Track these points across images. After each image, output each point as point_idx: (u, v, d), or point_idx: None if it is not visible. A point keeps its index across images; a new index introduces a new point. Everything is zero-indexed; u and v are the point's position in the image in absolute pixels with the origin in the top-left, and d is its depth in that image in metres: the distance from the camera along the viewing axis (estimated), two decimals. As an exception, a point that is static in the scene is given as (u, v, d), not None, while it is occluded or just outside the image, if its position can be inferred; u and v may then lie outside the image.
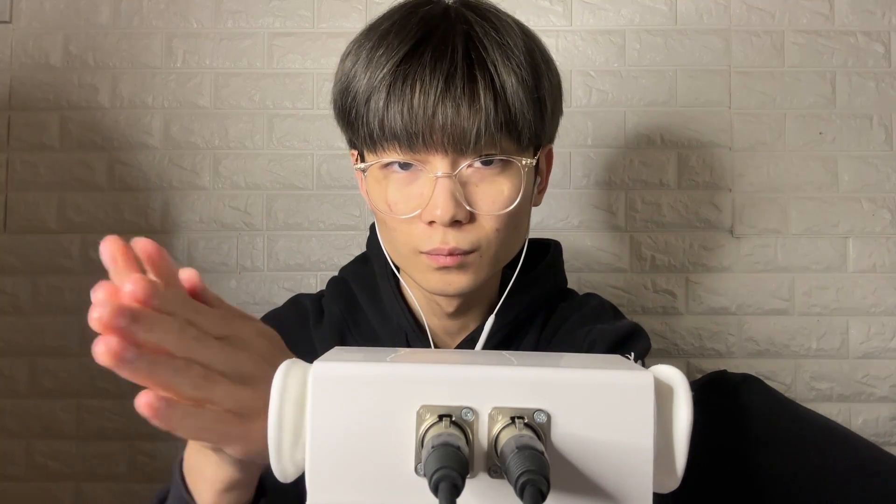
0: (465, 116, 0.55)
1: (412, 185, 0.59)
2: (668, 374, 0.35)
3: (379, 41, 0.59)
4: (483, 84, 0.56)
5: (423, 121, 0.55)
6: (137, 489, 1.10)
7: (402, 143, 0.56)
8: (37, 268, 1.12)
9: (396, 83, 0.56)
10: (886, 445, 1.03)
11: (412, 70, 0.56)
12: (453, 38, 0.57)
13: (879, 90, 1.12)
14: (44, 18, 1.14)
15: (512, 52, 0.58)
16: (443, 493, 0.27)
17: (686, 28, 1.13)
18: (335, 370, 0.33)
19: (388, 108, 0.56)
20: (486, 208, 0.58)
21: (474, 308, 0.68)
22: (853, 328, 1.11)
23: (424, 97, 0.55)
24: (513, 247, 0.64)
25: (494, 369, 0.34)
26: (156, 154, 1.13)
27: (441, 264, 0.59)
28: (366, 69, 0.58)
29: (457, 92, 0.55)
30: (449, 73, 0.55)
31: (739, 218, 1.12)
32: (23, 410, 1.11)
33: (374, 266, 0.71)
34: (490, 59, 0.57)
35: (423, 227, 0.59)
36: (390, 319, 0.68)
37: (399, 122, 0.56)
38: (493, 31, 0.59)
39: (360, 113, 0.59)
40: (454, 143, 0.56)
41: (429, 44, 0.57)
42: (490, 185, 0.58)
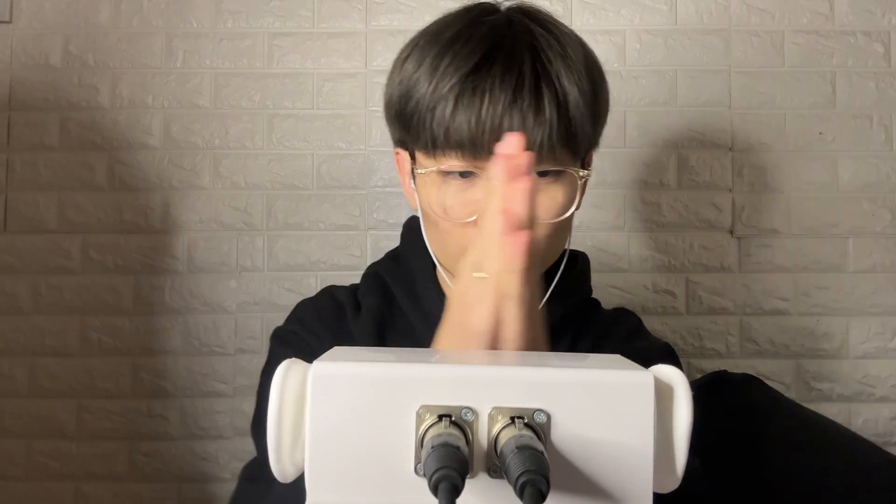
0: (530, 128, 0.57)
1: (469, 191, 0.60)
2: (668, 374, 0.35)
3: (444, 50, 0.60)
4: (548, 97, 0.57)
5: (490, 131, 0.56)
6: (137, 489, 1.10)
7: (466, 150, 0.58)
8: (37, 268, 1.12)
9: (465, 94, 0.57)
10: (886, 445, 1.03)
11: (481, 81, 0.57)
12: (520, 51, 0.58)
13: (879, 90, 1.12)
14: (44, 18, 1.14)
15: (574, 64, 0.59)
16: (442, 494, 0.27)
17: (686, 28, 1.13)
18: (335, 370, 0.33)
19: (455, 118, 0.57)
20: (541, 216, 0.60)
21: None
22: (853, 328, 1.11)
23: (493, 108, 0.56)
24: (557, 252, 0.66)
25: (494, 369, 0.34)
26: (156, 154, 1.13)
27: None
28: (430, 77, 0.59)
29: (524, 104, 0.57)
30: (517, 84, 0.57)
31: (739, 218, 1.12)
32: (23, 410, 1.11)
33: (412, 263, 0.72)
34: (554, 72, 0.58)
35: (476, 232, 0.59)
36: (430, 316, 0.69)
37: (465, 132, 0.57)
38: (556, 42, 0.60)
39: (423, 119, 0.59)
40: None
41: (497, 56, 0.58)
42: (545, 194, 0.60)
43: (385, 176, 1.13)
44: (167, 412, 1.11)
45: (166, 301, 1.12)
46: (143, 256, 1.13)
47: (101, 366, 1.11)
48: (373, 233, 1.13)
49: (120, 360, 1.11)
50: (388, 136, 1.14)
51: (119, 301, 1.12)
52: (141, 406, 1.11)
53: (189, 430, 1.11)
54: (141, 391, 1.11)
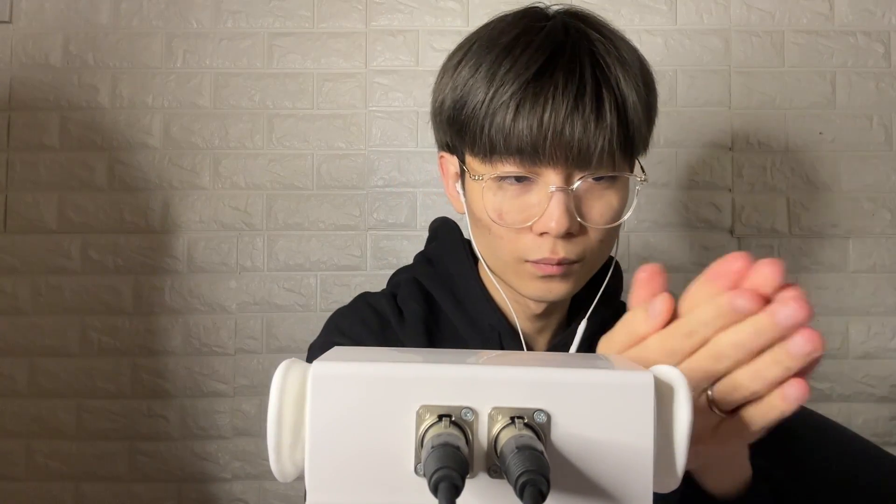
0: (591, 134, 0.57)
1: (524, 197, 0.60)
2: (669, 374, 0.35)
3: (502, 56, 0.59)
4: (609, 102, 0.57)
5: (552, 137, 0.56)
6: (137, 489, 1.10)
7: (525, 157, 0.58)
8: (37, 268, 1.12)
9: (526, 100, 0.57)
10: (886, 445, 1.03)
11: (542, 88, 0.57)
12: (581, 57, 0.58)
13: (879, 90, 1.12)
14: (44, 18, 1.14)
15: (630, 68, 0.60)
16: (442, 494, 0.27)
17: (686, 28, 1.13)
18: (334, 370, 0.33)
19: (516, 124, 0.57)
20: (596, 221, 0.60)
21: (557, 312, 0.70)
22: (853, 328, 1.11)
23: (555, 115, 0.56)
24: (605, 257, 0.66)
25: (494, 369, 0.34)
26: (156, 154, 1.13)
27: (547, 273, 0.60)
28: (489, 83, 0.59)
29: (586, 110, 0.57)
30: (578, 91, 0.57)
31: (739, 218, 1.12)
32: (23, 410, 1.11)
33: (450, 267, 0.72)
34: (613, 77, 0.58)
35: (532, 237, 0.60)
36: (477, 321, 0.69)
37: (527, 138, 0.57)
38: (613, 48, 0.60)
39: (481, 125, 0.59)
40: (577, 159, 0.57)
41: (558, 62, 0.58)
42: (600, 198, 0.60)
43: (385, 176, 1.13)
44: (167, 412, 1.11)
45: (166, 301, 1.12)
46: (143, 256, 1.13)
47: (101, 366, 1.11)
48: (372, 233, 1.13)
49: (120, 360, 1.11)
50: (389, 137, 1.14)
51: (119, 301, 1.12)
52: (141, 406, 1.11)
53: (189, 430, 1.11)
54: (141, 391, 1.11)
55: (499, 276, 0.66)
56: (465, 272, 0.70)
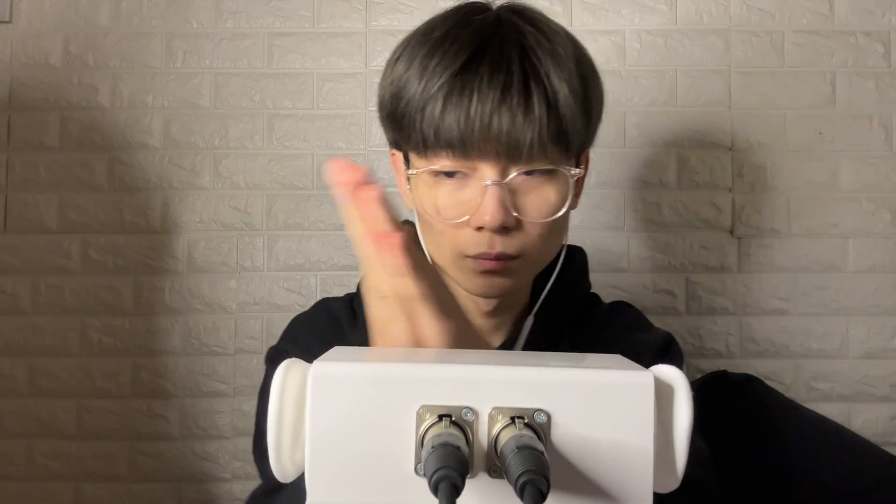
0: (519, 126, 0.56)
1: (461, 191, 0.60)
2: (669, 374, 0.35)
3: (433, 49, 0.59)
4: (538, 95, 0.57)
5: (479, 130, 0.56)
6: (137, 489, 1.10)
7: (456, 150, 0.58)
8: (37, 268, 1.12)
9: (453, 93, 0.57)
10: (886, 445, 1.03)
11: (469, 80, 0.57)
12: (509, 49, 0.58)
13: (879, 90, 1.12)
14: (44, 18, 1.14)
15: (563, 61, 0.59)
16: (442, 494, 0.27)
17: (686, 28, 1.13)
18: (335, 370, 0.33)
19: (444, 117, 0.57)
20: (533, 215, 0.59)
21: (510, 309, 0.69)
22: (853, 328, 1.11)
23: (481, 107, 0.56)
24: (552, 251, 0.66)
25: (494, 369, 0.34)
26: (156, 154, 1.13)
27: (486, 268, 0.60)
28: (420, 77, 0.59)
29: (513, 102, 0.56)
30: (505, 83, 0.56)
31: (739, 218, 1.12)
32: (23, 410, 1.11)
33: None
34: (543, 70, 0.58)
35: (470, 232, 0.60)
36: None
37: (455, 131, 0.57)
38: (545, 40, 0.59)
39: (414, 119, 0.59)
40: (507, 152, 0.57)
41: (485, 54, 0.58)
42: (537, 193, 0.60)
43: (385, 176, 1.13)
44: (167, 412, 1.11)
45: (166, 301, 1.12)
46: (143, 256, 1.13)
47: (101, 366, 1.11)
48: (373, 233, 1.13)
49: (120, 360, 1.11)
50: (388, 136, 1.14)
51: (119, 301, 1.12)
52: (141, 406, 1.11)
53: (189, 430, 1.11)
54: (141, 391, 1.11)
55: (445, 272, 0.66)
56: None
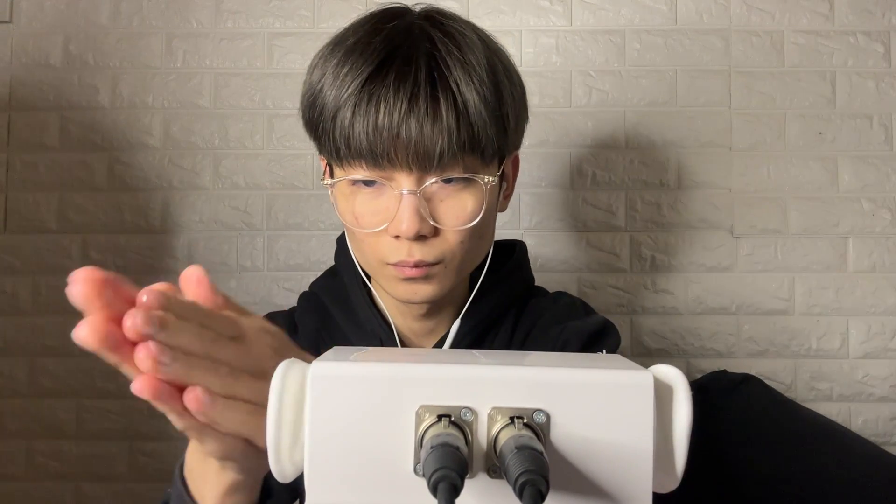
0: (428, 136, 0.56)
1: (378, 200, 0.60)
2: (668, 374, 0.35)
3: (344, 58, 0.59)
4: (446, 104, 0.57)
5: (388, 140, 0.56)
6: (137, 489, 1.10)
7: (368, 160, 0.58)
8: (37, 268, 1.12)
9: (361, 103, 0.57)
10: (886, 445, 1.03)
11: (376, 90, 0.57)
12: (417, 58, 0.58)
13: (879, 90, 1.12)
14: (44, 18, 1.14)
15: (474, 70, 0.59)
16: (442, 494, 0.27)
17: (686, 28, 1.13)
18: (334, 370, 0.33)
19: (354, 127, 0.57)
20: (451, 223, 0.60)
21: (445, 309, 0.69)
22: (853, 328, 1.11)
23: (388, 117, 0.56)
24: (478, 255, 0.66)
25: (494, 369, 0.34)
26: (156, 154, 1.13)
27: (407, 275, 0.60)
28: (331, 86, 0.59)
29: (420, 112, 0.56)
30: (412, 93, 0.56)
31: (739, 218, 1.12)
32: (23, 410, 1.11)
33: (344, 277, 0.72)
34: (452, 79, 0.58)
35: (389, 240, 0.60)
36: (363, 327, 0.70)
37: (364, 141, 0.57)
38: (455, 49, 0.59)
39: (327, 129, 0.59)
40: (419, 162, 0.57)
41: (392, 63, 0.58)
42: (454, 200, 0.60)
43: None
44: (167, 412, 1.11)
45: (166, 301, 1.12)
46: (143, 256, 1.13)
47: (101, 366, 1.11)
48: (373, 233, 1.13)
49: (120, 360, 1.11)
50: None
51: (119, 301, 1.12)
52: (141, 406, 1.11)
53: (189, 430, 1.11)
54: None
55: (373, 278, 0.67)
56: (352, 280, 0.71)
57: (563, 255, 1.12)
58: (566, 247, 1.12)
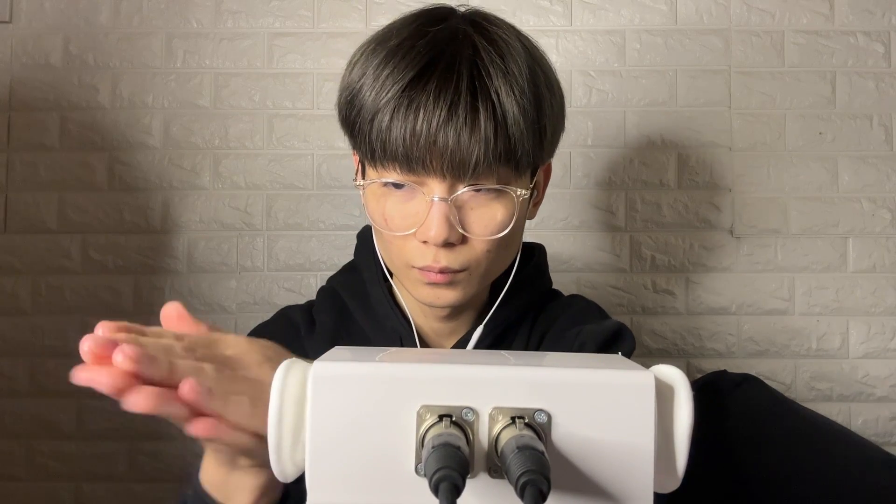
0: (465, 145, 0.56)
1: (409, 204, 0.60)
2: (669, 374, 0.35)
3: (386, 59, 0.59)
4: (485, 114, 0.56)
5: (424, 146, 0.56)
6: (137, 489, 1.10)
7: (402, 164, 0.57)
8: (37, 268, 1.12)
9: (400, 107, 0.57)
10: (886, 445, 1.03)
11: (417, 96, 0.56)
12: (459, 65, 0.57)
13: (879, 90, 1.12)
14: (44, 18, 1.14)
15: (515, 80, 0.58)
16: (443, 494, 0.27)
17: (686, 28, 1.13)
18: (335, 370, 0.33)
19: (391, 131, 0.57)
20: (479, 232, 0.59)
21: (466, 311, 0.70)
22: (853, 328, 1.11)
23: (427, 124, 0.56)
24: (503, 263, 0.66)
25: (495, 369, 0.34)
26: (156, 154, 1.13)
27: (431, 280, 0.61)
28: (371, 86, 0.59)
29: (458, 121, 0.56)
30: (452, 101, 0.56)
31: (739, 218, 1.12)
32: (23, 410, 1.11)
33: (364, 274, 0.72)
34: (493, 88, 0.57)
35: (416, 244, 0.60)
36: (383, 324, 0.70)
37: (400, 146, 0.57)
38: (498, 58, 0.59)
39: (364, 129, 0.59)
40: (453, 170, 0.57)
41: (435, 70, 0.57)
42: (484, 210, 0.59)
43: (385, 176, 1.13)
44: (167, 412, 1.11)
45: (166, 301, 1.12)
46: (143, 256, 1.13)
47: (101, 366, 1.11)
48: (373, 233, 1.13)
49: (120, 360, 1.11)
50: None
51: (119, 301, 1.12)
52: (141, 406, 1.11)
53: (189, 430, 1.11)
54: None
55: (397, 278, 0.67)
56: (373, 277, 0.71)
57: (563, 255, 1.12)
58: (566, 247, 1.12)
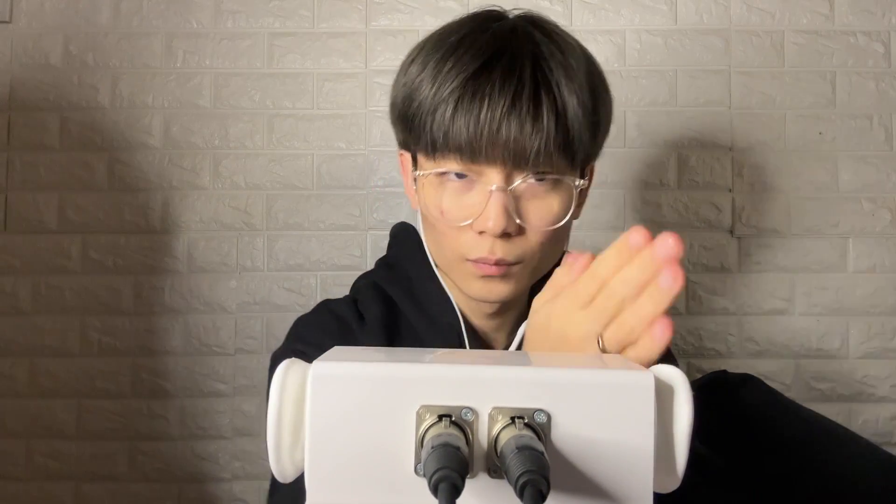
0: (527, 134, 0.57)
1: (466, 195, 0.61)
2: (669, 374, 0.35)
3: (448, 53, 0.61)
4: (547, 105, 0.58)
5: (488, 135, 0.57)
6: (137, 489, 1.10)
7: (465, 154, 0.59)
8: (37, 268, 1.12)
9: (465, 97, 0.58)
10: (886, 445, 1.03)
11: (481, 86, 0.58)
12: (522, 58, 0.59)
13: (879, 90, 1.12)
14: (44, 18, 1.14)
15: (575, 74, 0.60)
16: (442, 494, 0.27)
17: (686, 28, 1.13)
18: (335, 369, 0.33)
19: (455, 121, 0.58)
20: (536, 223, 0.60)
21: (511, 310, 0.70)
22: (853, 328, 1.11)
23: (491, 113, 0.57)
24: (552, 259, 0.66)
25: (494, 369, 0.34)
26: (156, 154, 1.13)
27: (485, 273, 0.61)
28: (433, 80, 0.60)
29: (522, 110, 0.57)
30: (516, 91, 0.58)
31: (739, 218, 1.12)
32: (23, 410, 1.11)
33: (410, 270, 0.72)
34: (554, 81, 0.59)
35: (472, 236, 0.61)
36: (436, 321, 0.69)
37: (464, 135, 0.58)
38: (558, 52, 0.60)
39: (425, 121, 0.60)
40: (514, 159, 0.58)
41: (499, 62, 0.59)
42: (541, 201, 0.61)
43: (385, 176, 1.13)
44: (167, 412, 1.11)
45: (166, 301, 1.12)
46: (143, 256, 1.13)
47: (101, 366, 1.11)
48: (373, 233, 1.13)
49: (120, 360, 1.11)
50: (389, 137, 1.14)
51: (119, 301, 1.12)
52: (141, 406, 1.11)
53: (189, 430, 1.11)
54: (141, 391, 1.11)
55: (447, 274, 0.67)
56: (424, 274, 0.71)
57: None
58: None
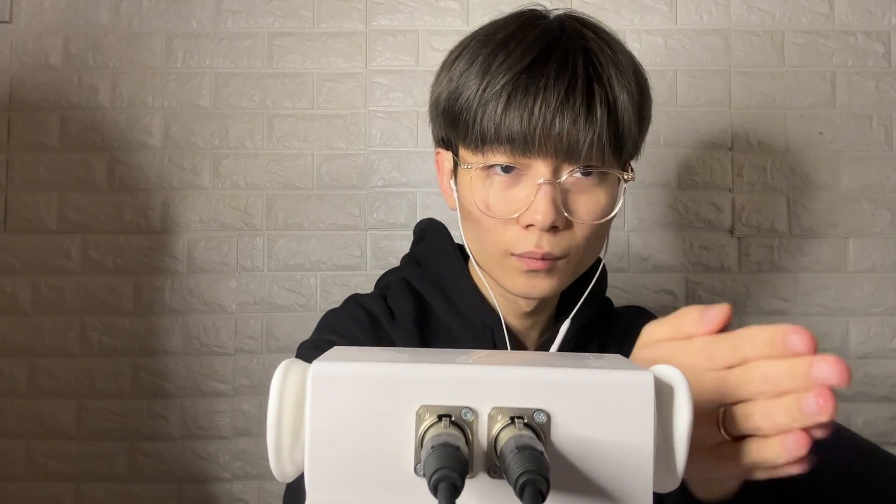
0: (580, 128, 0.57)
1: (513, 189, 0.60)
2: (669, 374, 0.35)
3: (497, 49, 0.61)
4: (600, 99, 0.58)
5: (541, 129, 0.57)
6: (137, 489, 1.10)
7: (516, 147, 0.58)
8: (37, 268, 1.12)
9: (518, 90, 0.58)
10: (886, 445, 1.03)
11: (534, 79, 0.58)
12: (574, 53, 0.59)
13: (879, 90, 1.12)
14: (44, 18, 1.14)
15: (624, 69, 0.61)
16: (442, 494, 0.27)
17: (686, 28, 1.13)
18: (334, 369, 0.33)
19: (507, 114, 0.58)
20: (583, 217, 0.61)
21: (546, 309, 0.70)
22: (853, 328, 1.11)
23: (545, 106, 0.57)
24: (594, 255, 0.66)
25: (494, 369, 0.34)
26: (156, 154, 1.13)
27: (531, 267, 0.61)
28: (483, 75, 0.60)
29: (576, 104, 0.57)
30: (569, 85, 0.58)
31: (739, 218, 1.12)
32: (23, 410, 1.11)
33: (440, 266, 0.72)
34: (606, 75, 0.59)
35: (517, 230, 0.60)
36: (468, 319, 0.69)
37: (517, 128, 0.58)
38: (607, 48, 0.61)
39: (474, 115, 0.60)
40: (565, 153, 0.58)
41: (552, 56, 0.59)
42: (588, 194, 0.61)
43: (385, 176, 1.13)
44: (167, 412, 1.11)
45: (166, 301, 1.12)
46: (143, 256, 1.13)
47: (101, 366, 1.11)
48: (372, 233, 1.13)
49: (120, 360, 1.11)
50: (389, 137, 1.14)
51: (119, 301, 1.12)
52: (141, 406, 1.11)
53: (189, 430, 1.11)
54: (141, 391, 1.11)
55: (487, 271, 0.67)
56: (456, 271, 0.71)
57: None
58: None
